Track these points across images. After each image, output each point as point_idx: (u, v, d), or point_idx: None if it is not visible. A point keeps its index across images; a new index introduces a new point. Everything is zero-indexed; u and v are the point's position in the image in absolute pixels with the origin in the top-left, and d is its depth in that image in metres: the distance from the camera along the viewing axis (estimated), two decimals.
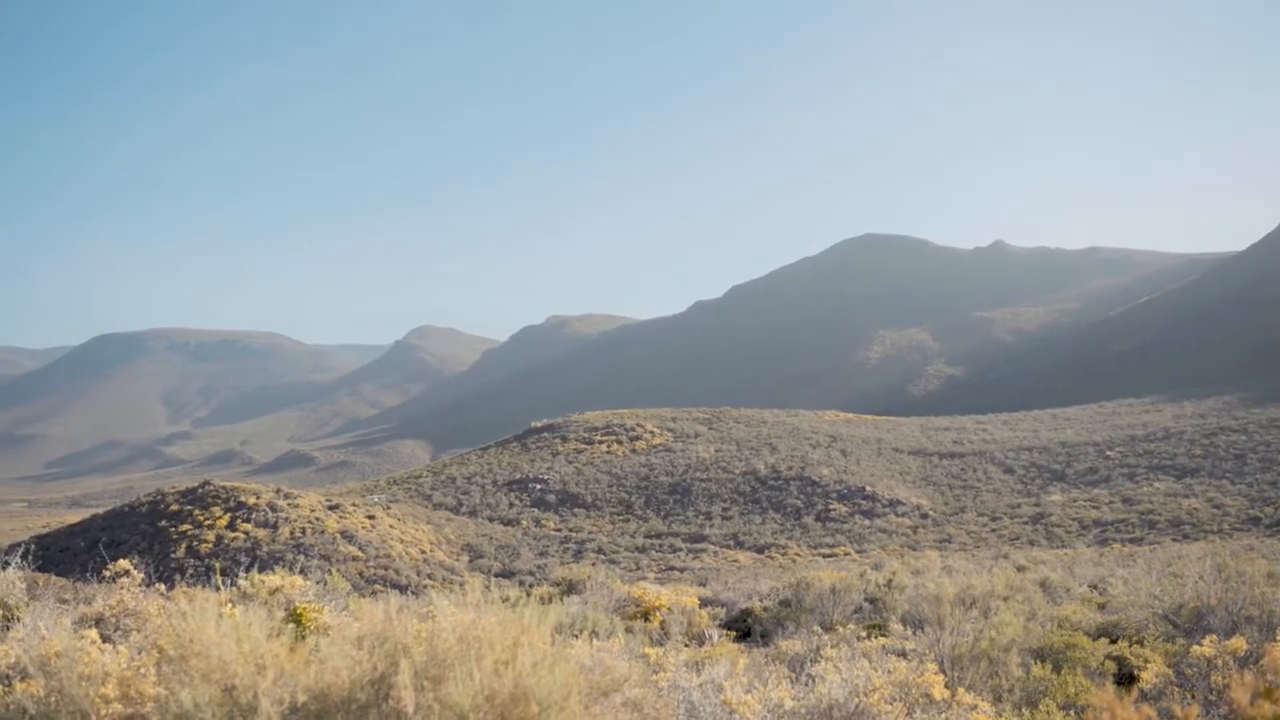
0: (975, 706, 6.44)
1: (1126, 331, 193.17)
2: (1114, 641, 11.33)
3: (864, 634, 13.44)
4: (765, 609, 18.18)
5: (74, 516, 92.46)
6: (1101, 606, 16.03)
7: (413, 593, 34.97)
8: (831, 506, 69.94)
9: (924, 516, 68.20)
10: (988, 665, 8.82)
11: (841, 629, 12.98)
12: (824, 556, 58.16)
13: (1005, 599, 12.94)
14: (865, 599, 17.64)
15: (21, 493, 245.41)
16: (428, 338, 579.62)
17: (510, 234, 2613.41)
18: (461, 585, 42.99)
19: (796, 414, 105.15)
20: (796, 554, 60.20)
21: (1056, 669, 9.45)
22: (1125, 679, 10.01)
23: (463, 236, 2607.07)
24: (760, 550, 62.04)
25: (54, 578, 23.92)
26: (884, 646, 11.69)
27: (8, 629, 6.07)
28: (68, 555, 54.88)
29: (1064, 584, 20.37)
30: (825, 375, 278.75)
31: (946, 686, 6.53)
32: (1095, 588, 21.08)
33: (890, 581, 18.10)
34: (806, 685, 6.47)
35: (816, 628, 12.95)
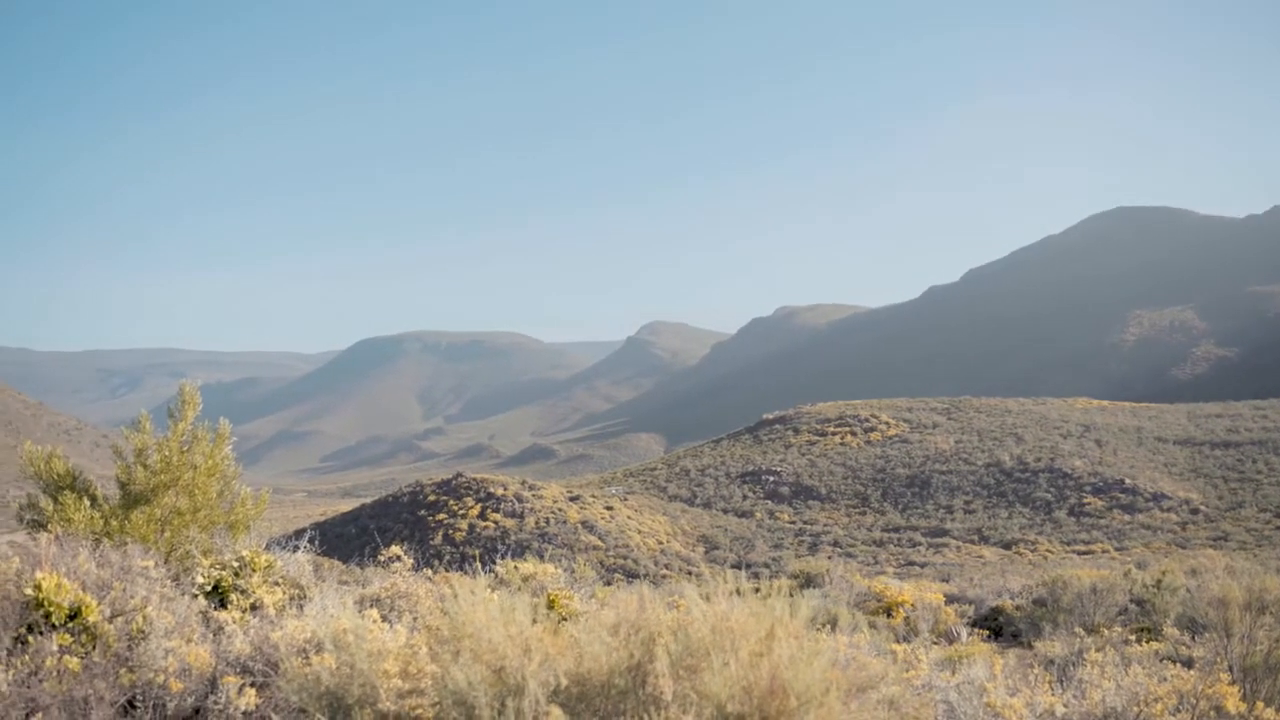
0: None
1: None
2: None
3: (1131, 638, 12.49)
4: (1017, 608, 17.25)
5: (346, 505, 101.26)
6: None
7: (651, 582, 35.78)
8: (1086, 500, 65.47)
9: (1194, 512, 62.50)
10: None
11: (1106, 631, 12.13)
12: (1078, 554, 54.57)
13: None
14: (1131, 600, 16.35)
15: (302, 484, 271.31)
16: (658, 333, 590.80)
17: (738, 226, 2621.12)
18: (698, 576, 43.62)
19: (1044, 402, 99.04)
20: (1047, 550, 56.84)
21: None
22: None
23: (690, 231, 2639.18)
24: (1006, 546, 59.03)
25: (334, 561, 26.16)
26: (1156, 652, 10.82)
27: (301, 607, 6.67)
28: (342, 541, 60.07)
29: None
30: (1074, 361, 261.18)
31: (1243, 699, 5.90)
32: None
33: (1160, 581, 16.65)
34: (1078, 691, 6.03)
35: (1078, 629, 12.13)
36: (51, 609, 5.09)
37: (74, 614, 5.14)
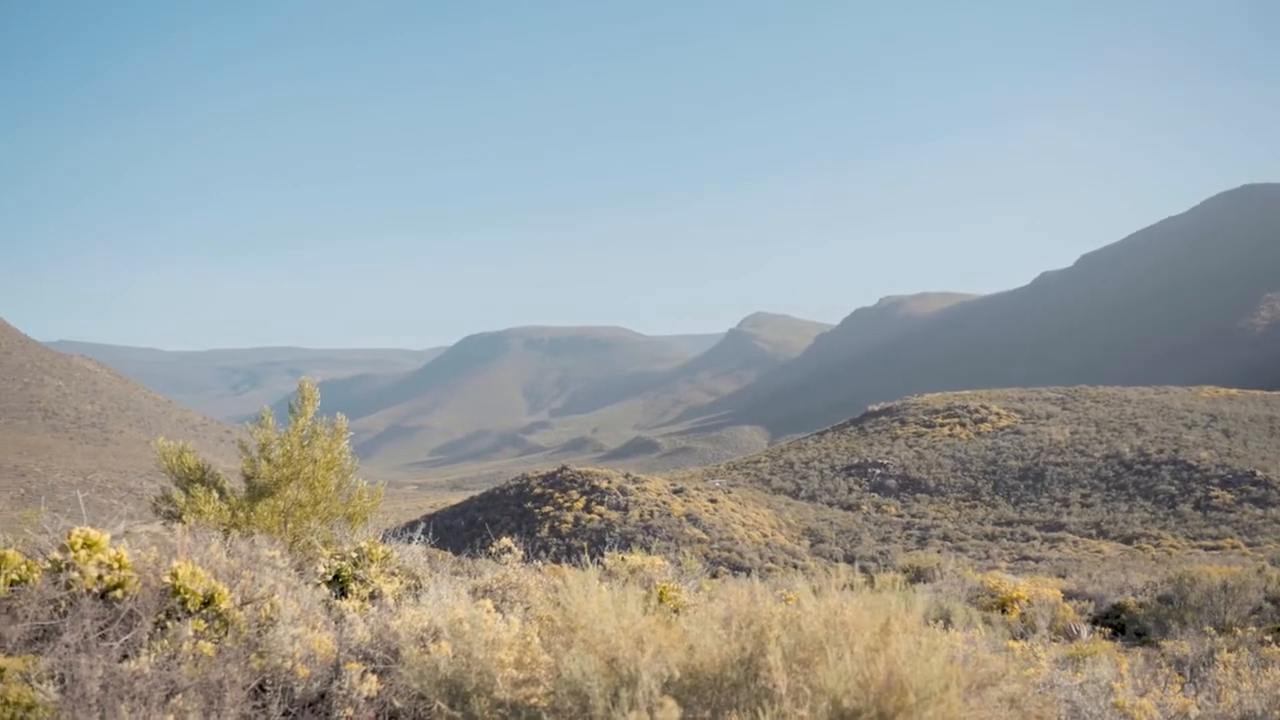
0: None
1: None
2: None
3: (1267, 638, 11.88)
4: (1141, 605, 16.57)
5: (455, 498, 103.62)
6: None
7: (757, 575, 35.55)
8: (1213, 493, 62.47)
9: None
10: None
11: (1239, 631, 11.57)
12: (1205, 549, 52.16)
13: None
14: (1265, 598, 15.53)
15: (412, 477, 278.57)
16: (761, 325, 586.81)
17: (841, 216, 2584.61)
18: (804, 569, 43.18)
19: (1165, 391, 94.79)
20: (1172, 546, 54.49)
21: None
22: None
23: (792, 222, 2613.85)
24: (1127, 541, 56.81)
25: (445, 552, 26.77)
26: None
27: (417, 597, 6.84)
28: (452, 533, 61.49)
29: None
30: (1197, 348, 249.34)
31: None
32: None
33: None
34: (1211, 693, 5.75)
35: (1208, 628, 11.58)
36: (187, 596, 5.34)
37: (208, 601, 5.39)
